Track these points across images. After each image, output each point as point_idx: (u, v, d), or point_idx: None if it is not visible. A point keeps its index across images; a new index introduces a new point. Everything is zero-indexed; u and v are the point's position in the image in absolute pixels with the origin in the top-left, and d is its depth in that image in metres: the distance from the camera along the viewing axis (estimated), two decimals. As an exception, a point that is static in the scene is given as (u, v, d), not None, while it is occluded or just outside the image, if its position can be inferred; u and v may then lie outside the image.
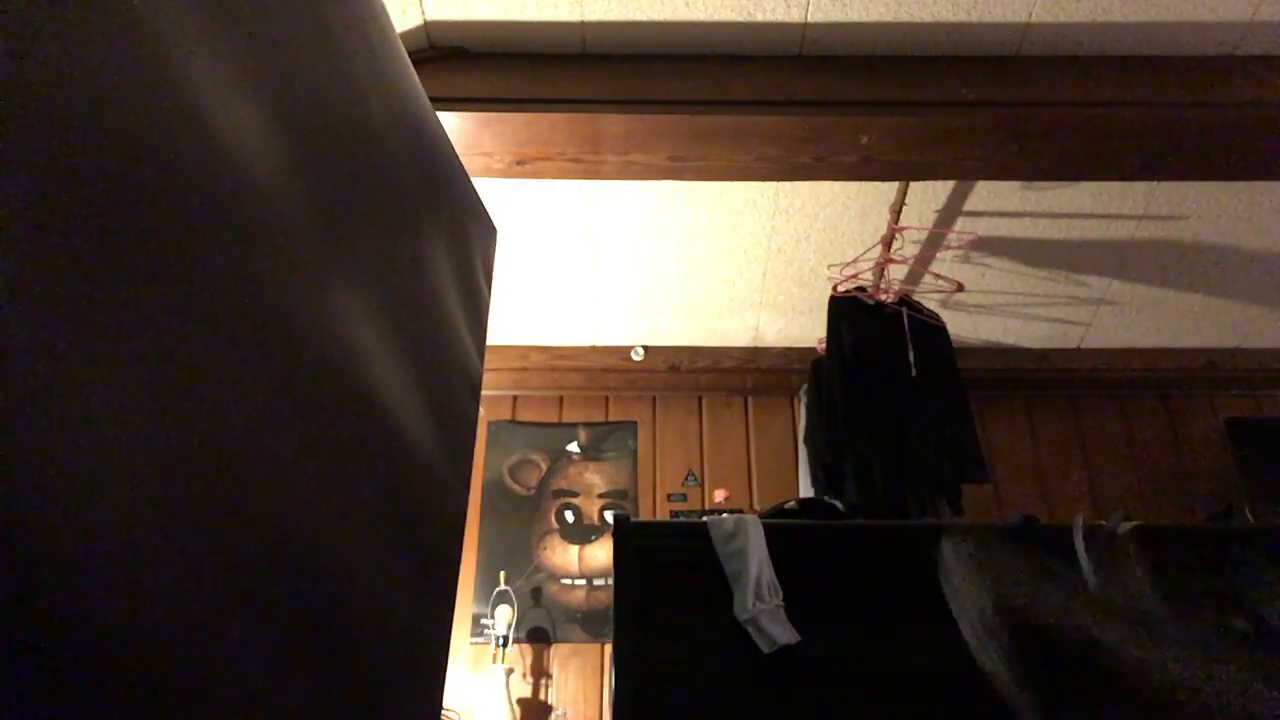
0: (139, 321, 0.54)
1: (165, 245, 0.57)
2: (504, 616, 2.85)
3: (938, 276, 2.82)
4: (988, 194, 2.57)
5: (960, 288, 2.85)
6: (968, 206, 2.62)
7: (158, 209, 0.56)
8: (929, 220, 2.66)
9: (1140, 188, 2.55)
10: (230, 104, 0.67)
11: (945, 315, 2.76)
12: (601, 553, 3.12)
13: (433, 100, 1.29)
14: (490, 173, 2.04)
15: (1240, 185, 2.52)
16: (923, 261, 2.81)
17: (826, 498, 2.44)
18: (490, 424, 3.29)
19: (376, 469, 0.91)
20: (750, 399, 3.37)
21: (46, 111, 0.47)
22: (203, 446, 0.59)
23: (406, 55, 1.17)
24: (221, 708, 0.60)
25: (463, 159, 1.42)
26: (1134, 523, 1.78)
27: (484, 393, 1.41)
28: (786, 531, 1.81)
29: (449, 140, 1.33)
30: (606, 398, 3.38)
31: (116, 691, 0.50)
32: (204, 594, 0.59)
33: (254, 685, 0.64)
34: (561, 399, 3.38)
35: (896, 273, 2.77)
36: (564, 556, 3.12)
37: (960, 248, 2.78)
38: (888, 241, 2.57)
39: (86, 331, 0.49)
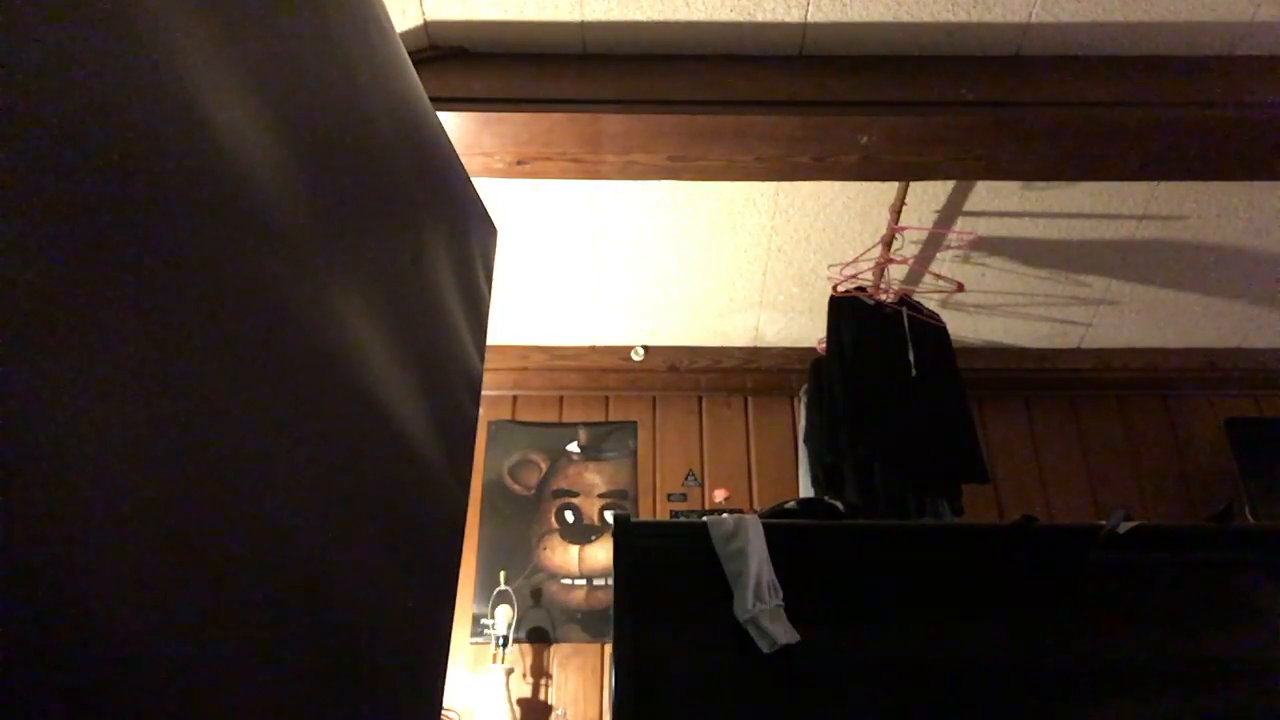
0: (138, 322, 0.54)
1: (164, 246, 0.57)
2: (504, 616, 2.85)
3: (938, 276, 2.81)
4: (988, 194, 2.57)
5: (960, 288, 2.85)
6: (968, 206, 2.62)
7: (157, 209, 0.56)
8: (929, 220, 2.66)
9: (1140, 188, 2.55)
10: (230, 104, 0.67)
11: (945, 315, 2.76)
12: (601, 553, 3.12)
13: (433, 100, 1.29)
14: (490, 173, 2.04)
15: (1240, 185, 2.52)
16: (923, 261, 2.81)
17: (826, 498, 2.44)
18: (490, 424, 3.29)
19: (376, 469, 0.91)
20: (750, 399, 3.37)
21: (46, 111, 0.47)
22: (201, 446, 0.59)
23: (406, 55, 1.17)
24: (221, 708, 0.60)
25: (463, 159, 1.42)
26: (1134, 523, 1.78)
27: (484, 393, 1.40)
28: (786, 531, 1.81)
29: (449, 140, 1.33)
30: (606, 398, 3.38)
31: (115, 693, 0.50)
32: (203, 595, 0.59)
33: (254, 685, 0.64)
34: (561, 399, 3.38)
35: (896, 273, 2.77)
36: (564, 556, 3.12)
37: (960, 248, 2.78)
38: (888, 241, 2.56)
39: (85, 333, 0.49)
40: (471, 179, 1.45)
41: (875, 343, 2.52)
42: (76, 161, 0.49)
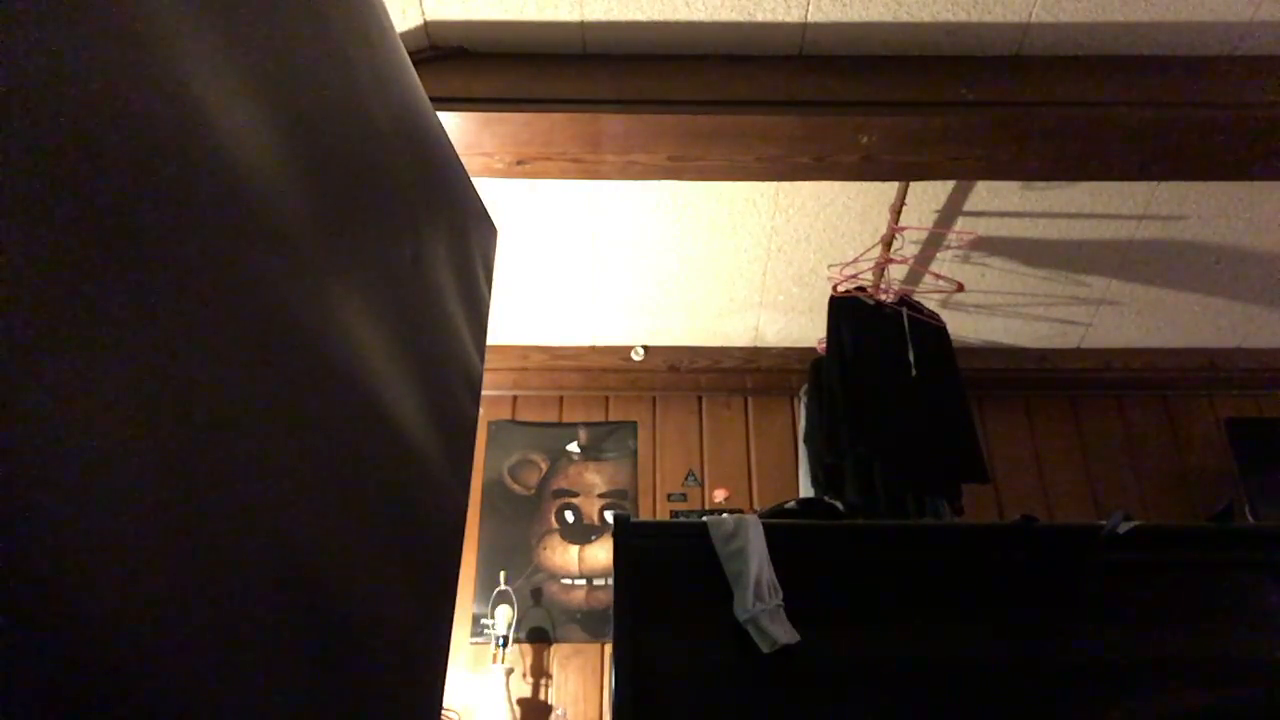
0: (139, 323, 0.54)
1: (165, 246, 0.57)
2: (504, 616, 2.85)
3: (938, 276, 2.81)
4: (988, 194, 2.57)
5: (960, 288, 2.85)
6: (968, 206, 2.62)
7: (157, 210, 0.56)
8: (929, 220, 2.66)
9: (1140, 188, 2.55)
10: (231, 104, 0.67)
11: (945, 315, 2.76)
12: (601, 553, 3.12)
13: (433, 100, 1.29)
14: (490, 173, 2.04)
15: (1240, 185, 2.52)
16: (923, 261, 2.81)
17: (826, 498, 2.44)
18: (490, 424, 3.29)
19: (376, 469, 0.91)
20: (750, 399, 3.37)
21: (46, 111, 0.47)
22: (202, 447, 0.59)
23: (406, 55, 1.17)
24: (222, 709, 0.60)
25: (463, 159, 1.42)
26: (1134, 522, 1.78)
27: (484, 393, 1.40)
28: (786, 531, 1.81)
29: (449, 140, 1.33)
30: (606, 398, 3.38)
31: (116, 694, 0.50)
32: (203, 595, 0.59)
33: (254, 686, 0.64)
34: (561, 399, 3.38)
35: (896, 273, 2.77)
36: (564, 556, 3.12)
37: (960, 248, 2.78)
38: (888, 241, 2.57)
39: (86, 334, 0.49)
40: (471, 179, 1.45)
41: (875, 343, 2.52)
42: (77, 162, 0.49)
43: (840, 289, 2.65)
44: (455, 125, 1.89)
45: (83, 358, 0.48)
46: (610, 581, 2.72)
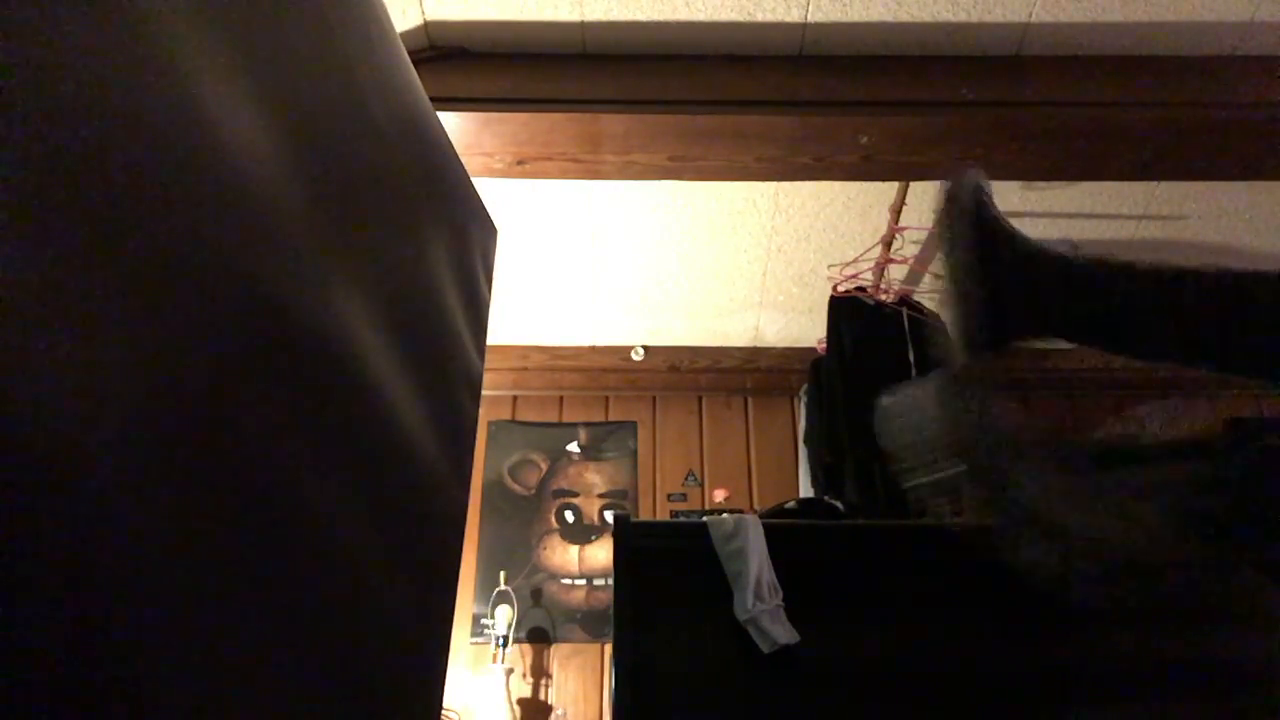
0: (139, 321, 0.54)
1: (165, 245, 0.57)
2: (504, 616, 2.85)
3: (938, 276, 2.81)
4: (988, 194, 2.57)
5: (960, 288, 2.84)
6: (968, 206, 2.62)
7: (157, 209, 0.56)
8: (929, 220, 2.65)
9: (1140, 188, 2.55)
10: (230, 104, 0.67)
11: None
12: (601, 553, 3.12)
13: (433, 100, 1.29)
14: (490, 173, 2.04)
15: (1240, 185, 2.52)
16: (923, 261, 2.80)
17: (826, 498, 2.44)
18: (490, 424, 3.29)
19: (376, 469, 0.91)
20: (750, 399, 3.37)
21: (46, 110, 0.47)
22: (200, 448, 0.59)
23: (406, 55, 1.17)
24: (221, 708, 0.60)
25: (463, 159, 1.42)
26: None
27: (484, 393, 1.40)
28: (786, 531, 1.81)
29: (449, 140, 1.33)
30: (606, 398, 3.38)
31: (115, 692, 0.50)
32: (204, 593, 0.59)
33: (254, 685, 0.64)
34: (561, 399, 3.38)
35: (896, 273, 2.77)
36: (564, 556, 3.12)
37: (960, 248, 2.78)
38: (888, 241, 2.56)
39: (85, 331, 0.49)
40: (471, 179, 1.45)
41: (875, 343, 2.52)
42: (76, 160, 0.49)
43: (840, 289, 2.65)
44: (455, 125, 1.89)
45: (82, 358, 0.48)
46: (610, 581, 2.72)
